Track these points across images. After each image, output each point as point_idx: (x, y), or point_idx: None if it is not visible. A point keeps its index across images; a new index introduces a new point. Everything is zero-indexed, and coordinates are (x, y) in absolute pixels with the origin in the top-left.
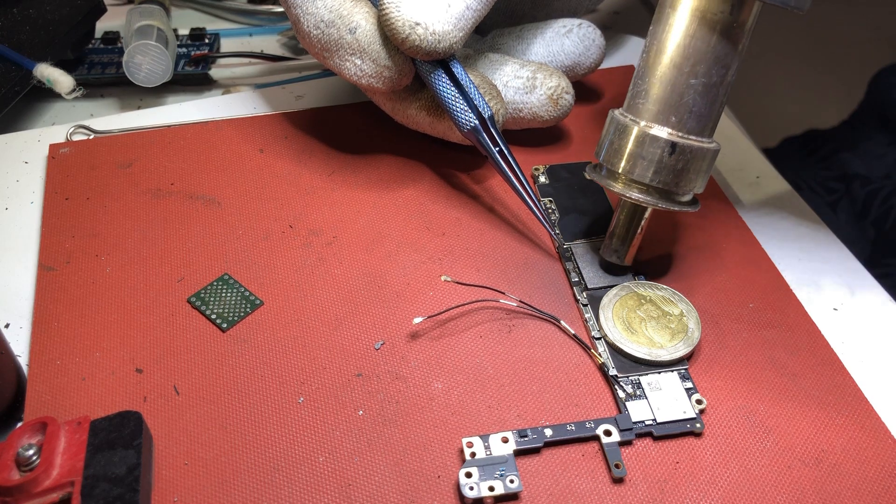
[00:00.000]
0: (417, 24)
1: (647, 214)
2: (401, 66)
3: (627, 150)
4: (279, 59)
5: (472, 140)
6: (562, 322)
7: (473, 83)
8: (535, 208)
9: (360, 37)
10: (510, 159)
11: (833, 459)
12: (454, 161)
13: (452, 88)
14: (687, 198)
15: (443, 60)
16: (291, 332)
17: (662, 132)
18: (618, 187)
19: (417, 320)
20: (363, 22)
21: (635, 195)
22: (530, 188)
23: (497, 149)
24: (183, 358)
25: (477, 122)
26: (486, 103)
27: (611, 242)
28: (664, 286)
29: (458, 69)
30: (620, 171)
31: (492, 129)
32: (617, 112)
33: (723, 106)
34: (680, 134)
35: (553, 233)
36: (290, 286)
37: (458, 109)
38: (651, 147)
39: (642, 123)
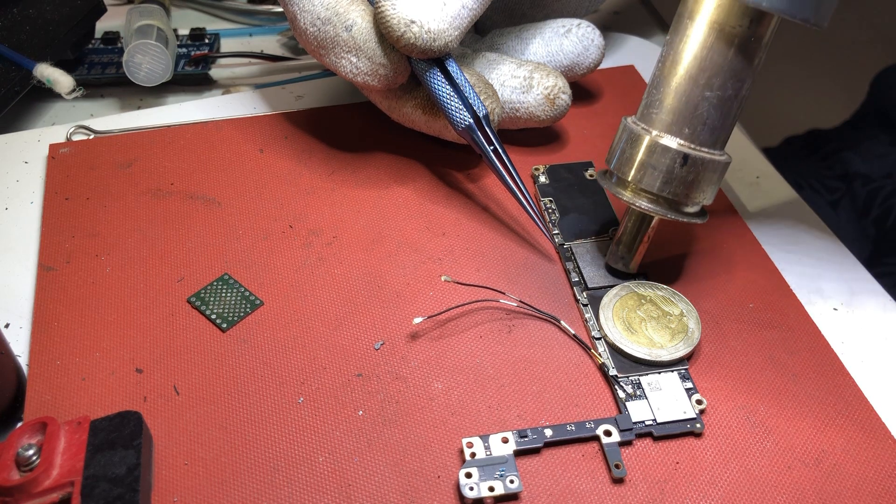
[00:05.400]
0: (413, 21)
1: (654, 223)
2: (396, 64)
3: (638, 159)
4: (279, 59)
5: (467, 139)
6: (562, 322)
7: (469, 82)
8: (528, 208)
9: (356, 34)
10: (505, 159)
11: (833, 459)
12: (455, 161)
13: (447, 87)
14: (695, 209)
15: (438, 59)
16: (291, 332)
17: (673, 142)
18: (627, 196)
19: (417, 320)
20: (359, 20)
21: (644, 205)
22: (525, 188)
23: (492, 148)
24: (183, 358)
25: (471, 120)
26: (482, 102)
27: (617, 249)
28: (664, 286)
29: (453, 67)
30: (630, 179)
31: (486, 128)
32: (629, 120)
33: (736, 119)
34: (692, 145)
35: (547, 232)
36: (290, 286)
37: (453, 108)
38: (662, 157)
39: (654, 133)
